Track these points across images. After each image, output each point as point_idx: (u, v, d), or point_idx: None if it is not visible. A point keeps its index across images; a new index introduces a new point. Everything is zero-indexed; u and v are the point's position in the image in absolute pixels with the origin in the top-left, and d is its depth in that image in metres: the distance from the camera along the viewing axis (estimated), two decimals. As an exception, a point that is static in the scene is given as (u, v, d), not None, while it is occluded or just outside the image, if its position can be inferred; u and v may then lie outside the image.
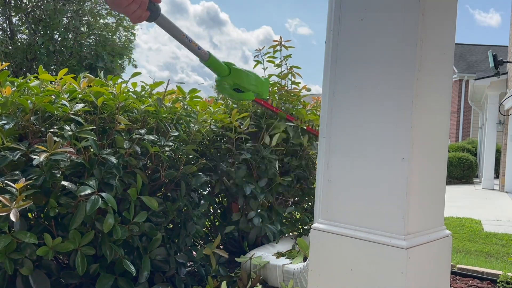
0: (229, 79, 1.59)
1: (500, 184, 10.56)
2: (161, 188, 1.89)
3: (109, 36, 16.05)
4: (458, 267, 2.41)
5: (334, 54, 1.25)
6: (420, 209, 1.15)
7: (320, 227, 1.24)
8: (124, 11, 1.18)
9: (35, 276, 1.43)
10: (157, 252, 1.69)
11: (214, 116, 2.07)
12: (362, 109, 1.18)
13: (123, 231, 1.49)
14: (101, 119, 1.71)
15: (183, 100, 1.92)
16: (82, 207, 1.41)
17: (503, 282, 2.16)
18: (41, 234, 1.42)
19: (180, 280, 1.79)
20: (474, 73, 17.13)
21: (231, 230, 2.10)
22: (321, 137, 1.71)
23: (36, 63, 14.02)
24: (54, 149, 1.39)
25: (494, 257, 3.80)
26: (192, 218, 1.85)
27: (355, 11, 1.21)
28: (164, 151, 1.72)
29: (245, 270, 2.00)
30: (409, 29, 1.11)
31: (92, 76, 1.79)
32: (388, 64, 1.14)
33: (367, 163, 1.17)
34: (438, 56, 1.18)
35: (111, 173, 1.54)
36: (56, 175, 1.44)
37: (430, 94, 1.15)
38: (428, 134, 1.16)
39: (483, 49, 20.70)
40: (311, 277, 1.25)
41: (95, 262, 1.55)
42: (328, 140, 1.26)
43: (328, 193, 1.24)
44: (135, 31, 16.83)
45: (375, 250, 1.12)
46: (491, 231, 4.96)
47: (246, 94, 1.64)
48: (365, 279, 1.14)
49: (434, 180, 1.22)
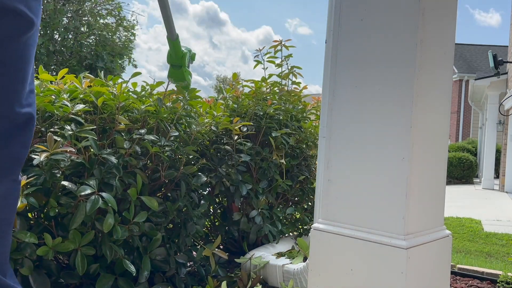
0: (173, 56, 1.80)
1: (500, 184, 10.56)
2: (161, 188, 1.89)
3: (109, 36, 16.05)
4: (458, 267, 2.40)
5: (334, 54, 1.25)
6: (420, 209, 1.15)
7: (320, 227, 1.24)
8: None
9: (35, 276, 1.43)
10: (157, 252, 1.69)
11: (216, 119, 2.08)
12: (362, 109, 1.19)
13: (123, 231, 1.49)
14: (101, 119, 1.72)
15: (183, 100, 1.92)
16: (82, 207, 1.41)
17: (503, 282, 2.16)
18: (41, 234, 1.42)
19: (180, 280, 1.79)
20: (474, 73, 17.13)
21: (231, 230, 2.10)
22: (321, 137, 1.71)
23: (36, 63, 14.01)
24: (55, 148, 1.39)
25: (494, 257, 3.80)
26: (192, 218, 1.85)
27: (355, 11, 1.21)
28: (164, 151, 1.72)
29: (245, 270, 2.00)
30: (409, 29, 1.11)
31: (92, 76, 1.79)
32: (388, 64, 1.14)
33: (367, 163, 1.17)
34: (438, 56, 1.18)
35: (111, 173, 1.54)
36: (56, 175, 1.45)
37: (430, 94, 1.15)
38: (428, 134, 1.16)
39: (483, 49, 20.70)
40: (311, 277, 1.25)
41: (95, 262, 1.55)
42: (328, 140, 1.26)
43: (328, 193, 1.25)
44: (135, 31, 16.84)
45: (375, 250, 1.12)
46: (491, 231, 4.96)
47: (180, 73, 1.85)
48: (365, 279, 1.14)
49: (434, 180, 1.22)
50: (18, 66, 0.98)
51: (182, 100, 1.91)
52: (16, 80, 0.98)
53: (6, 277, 1.04)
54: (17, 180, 1.05)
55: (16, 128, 1.00)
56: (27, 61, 1.00)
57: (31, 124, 1.05)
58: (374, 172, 1.15)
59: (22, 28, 0.96)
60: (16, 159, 1.02)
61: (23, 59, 0.99)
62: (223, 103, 2.30)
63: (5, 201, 1.02)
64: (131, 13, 26.67)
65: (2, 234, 1.03)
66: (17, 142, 1.01)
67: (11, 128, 0.99)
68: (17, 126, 1.00)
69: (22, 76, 0.99)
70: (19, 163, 1.04)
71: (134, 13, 25.67)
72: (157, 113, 1.77)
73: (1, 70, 0.95)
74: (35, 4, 0.99)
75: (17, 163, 1.03)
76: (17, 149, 1.01)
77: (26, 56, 0.99)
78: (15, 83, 0.98)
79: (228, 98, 2.31)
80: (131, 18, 24.89)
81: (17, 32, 0.95)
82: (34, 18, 0.98)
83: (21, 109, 1.00)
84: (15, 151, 1.01)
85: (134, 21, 17.25)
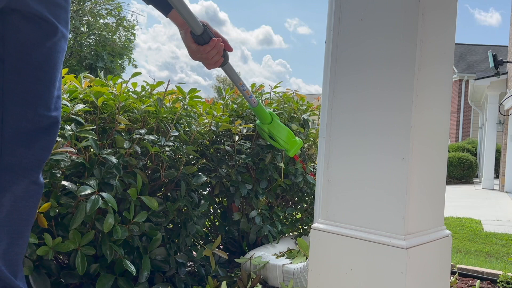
0: (267, 127, 1.81)
1: (500, 184, 10.57)
2: (161, 188, 1.89)
3: (109, 36, 16.06)
4: (458, 267, 2.40)
5: (334, 54, 1.25)
6: (420, 209, 1.15)
7: (320, 227, 1.24)
8: (206, 56, 1.37)
9: (35, 276, 1.43)
10: (157, 252, 1.69)
11: (216, 119, 2.08)
12: (362, 109, 1.19)
13: (123, 231, 1.49)
14: (101, 119, 1.72)
15: (183, 100, 1.93)
16: (82, 207, 1.41)
17: (503, 282, 2.16)
18: (41, 234, 1.42)
19: (180, 280, 1.79)
20: (474, 73, 17.14)
21: (231, 230, 2.10)
22: (321, 137, 1.71)
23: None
24: (55, 148, 1.39)
25: (494, 257, 3.80)
26: (192, 218, 1.85)
27: (355, 11, 1.21)
28: (164, 151, 1.72)
29: (245, 270, 2.00)
30: (409, 29, 1.11)
31: (92, 76, 1.79)
32: (388, 64, 1.14)
33: (367, 163, 1.17)
34: (438, 56, 1.18)
35: (111, 173, 1.54)
36: (56, 175, 1.45)
37: (430, 94, 1.16)
38: (428, 134, 1.16)
39: (483, 49, 20.71)
40: (311, 277, 1.25)
41: (95, 262, 1.55)
42: (328, 140, 1.26)
43: (328, 193, 1.25)
44: (135, 31, 16.85)
45: (375, 250, 1.12)
46: (491, 231, 4.96)
47: (277, 144, 1.85)
48: (365, 279, 1.14)
49: (434, 180, 1.22)
50: (44, 70, 1.01)
51: (182, 100, 1.92)
52: (41, 84, 1.01)
53: (17, 279, 1.05)
54: (38, 183, 1.06)
55: (39, 131, 1.02)
56: (53, 66, 1.03)
57: (55, 128, 1.07)
58: (374, 172, 1.15)
59: (46, 33, 0.99)
60: (37, 161, 1.04)
61: (49, 64, 1.02)
62: (223, 103, 2.30)
63: (23, 202, 1.03)
64: (131, 13, 26.70)
65: (19, 234, 1.04)
66: (40, 145, 1.02)
67: (35, 130, 1.01)
68: (41, 129, 1.02)
69: (48, 80, 1.02)
70: (39, 166, 1.05)
71: (134, 13, 25.69)
72: (157, 113, 1.77)
73: (26, 73, 0.98)
74: (60, 12, 1.01)
75: (38, 165, 1.04)
76: (38, 151, 1.03)
77: (52, 61, 1.02)
78: (41, 87, 1.01)
79: (227, 98, 2.31)
80: (131, 18, 24.91)
81: (41, 37, 0.98)
82: (58, 25, 1.01)
83: (48, 113, 1.03)
84: (36, 153, 1.02)
85: (134, 21, 17.27)
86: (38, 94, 1.00)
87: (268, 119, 1.80)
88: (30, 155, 1.01)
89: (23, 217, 1.04)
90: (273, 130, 1.81)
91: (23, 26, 0.96)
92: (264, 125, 1.81)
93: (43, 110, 1.01)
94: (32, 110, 1.00)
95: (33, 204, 1.06)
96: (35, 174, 1.04)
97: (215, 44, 1.36)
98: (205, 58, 1.38)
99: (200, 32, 1.34)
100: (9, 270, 1.03)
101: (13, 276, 1.04)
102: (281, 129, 1.83)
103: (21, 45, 0.96)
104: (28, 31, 0.96)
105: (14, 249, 1.04)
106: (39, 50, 0.98)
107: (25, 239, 1.07)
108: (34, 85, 0.99)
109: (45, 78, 1.01)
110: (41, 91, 1.01)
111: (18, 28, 0.95)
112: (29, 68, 0.98)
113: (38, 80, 1.00)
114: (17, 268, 1.05)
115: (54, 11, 0.99)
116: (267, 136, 1.85)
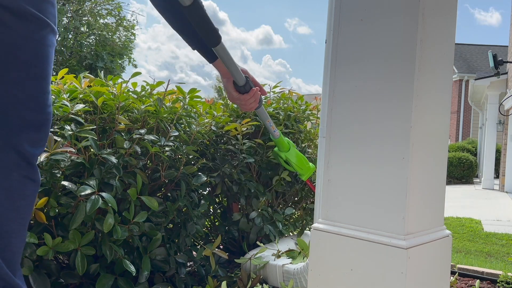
0: (285, 154, 2.03)
1: (500, 184, 10.57)
2: (161, 188, 1.89)
3: (109, 36, 16.05)
4: (458, 267, 2.40)
5: (334, 54, 1.25)
6: (420, 209, 1.15)
7: (320, 227, 1.24)
8: (244, 103, 1.56)
9: (35, 276, 1.43)
10: (157, 252, 1.69)
11: (216, 119, 2.07)
12: (362, 109, 1.19)
13: (123, 231, 1.49)
14: (101, 119, 1.72)
15: (183, 100, 1.92)
16: (82, 207, 1.41)
17: (503, 282, 2.16)
18: (41, 234, 1.42)
19: (180, 280, 1.79)
20: (474, 73, 17.14)
21: (231, 230, 2.10)
22: (321, 137, 1.71)
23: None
24: (54, 148, 1.39)
25: (494, 257, 3.80)
26: (192, 218, 1.85)
27: (355, 11, 1.21)
28: (164, 151, 1.72)
29: (245, 270, 2.00)
30: (409, 29, 1.11)
31: (92, 76, 1.79)
32: (388, 64, 1.14)
33: (367, 163, 1.17)
34: (438, 56, 1.18)
35: (111, 173, 1.54)
36: (56, 175, 1.44)
37: (430, 94, 1.15)
38: (428, 134, 1.16)
39: (483, 49, 20.71)
40: (311, 277, 1.25)
41: (95, 262, 1.55)
42: (328, 140, 1.26)
43: (328, 193, 1.25)
44: (135, 31, 16.85)
45: (375, 250, 1.12)
46: (491, 231, 4.96)
47: (292, 168, 2.08)
48: (365, 279, 1.14)
49: (434, 180, 1.22)
50: (34, 64, 0.99)
51: (182, 100, 1.92)
52: (33, 79, 0.99)
53: (16, 277, 1.04)
54: (32, 178, 1.04)
55: (27, 125, 1.01)
56: (43, 60, 1.01)
57: (48, 124, 1.06)
58: (374, 172, 1.15)
59: (34, 28, 0.98)
60: (23, 156, 1.02)
61: (38, 58, 1.00)
62: (223, 103, 2.30)
63: (15, 198, 1.02)
64: (131, 13, 26.68)
65: (15, 234, 1.03)
66: (25, 139, 1.01)
67: (21, 124, 1.00)
68: (29, 123, 1.01)
69: (39, 75, 1.00)
70: (27, 160, 1.04)
71: (134, 13, 25.68)
72: (157, 113, 1.77)
73: (17, 69, 0.96)
74: (47, 6, 1.01)
75: (25, 159, 1.03)
76: (24, 146, 1.01)
77: (42, 56, 1.01)
78: (32, 81, 0.99)
79: (227, 98, 2.31)
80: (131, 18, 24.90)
81: (30, 31, 0.97)
82: (46, 19, 1.00)
83: (43, 108, 1.02)
84: (22, 148, 1.01)
85: (134, 21, 17.27)
86: (28, 89, 0.99)
87: (286, 148, 2.01)
88: (15, 148, 1.00)
89: (18, 216, 1.03)
90: (290, 157, 2.03)
91: (10, 21, 0.95)
92: (282, 152, 2.03)
93: (35, 105, 1.00)
94: (19, 104, 0.98)
95: (28, 202, 1.05)
96: (25, 169, 1.02)
97: (254, 93, 1.54)
98: (243, 104, 1.56)
99: (243, 83, 1.49)
100: (8, 269, 1.02)
101: (13, 275, 1.03)
102: (298, 156, 2.05)
103: (9, 39, 0.95)
104: (15, 25, 0.95)
105: (12, 248, 1.03)
106: (27, 44, 0.97)
107: (21, 239, 1.06)
108: (25, 81, 0.98)
109: (36, 72, 0.99)
110: (32, 86, 0.99)
111: (5, 23, 0.95)
112: (19, 63, 0.97)
113: (28, 75, 0.98)
114: (16, 267, 1.05)
115: (40, 6, 0.99)
116: (283, 162, 2.06)
